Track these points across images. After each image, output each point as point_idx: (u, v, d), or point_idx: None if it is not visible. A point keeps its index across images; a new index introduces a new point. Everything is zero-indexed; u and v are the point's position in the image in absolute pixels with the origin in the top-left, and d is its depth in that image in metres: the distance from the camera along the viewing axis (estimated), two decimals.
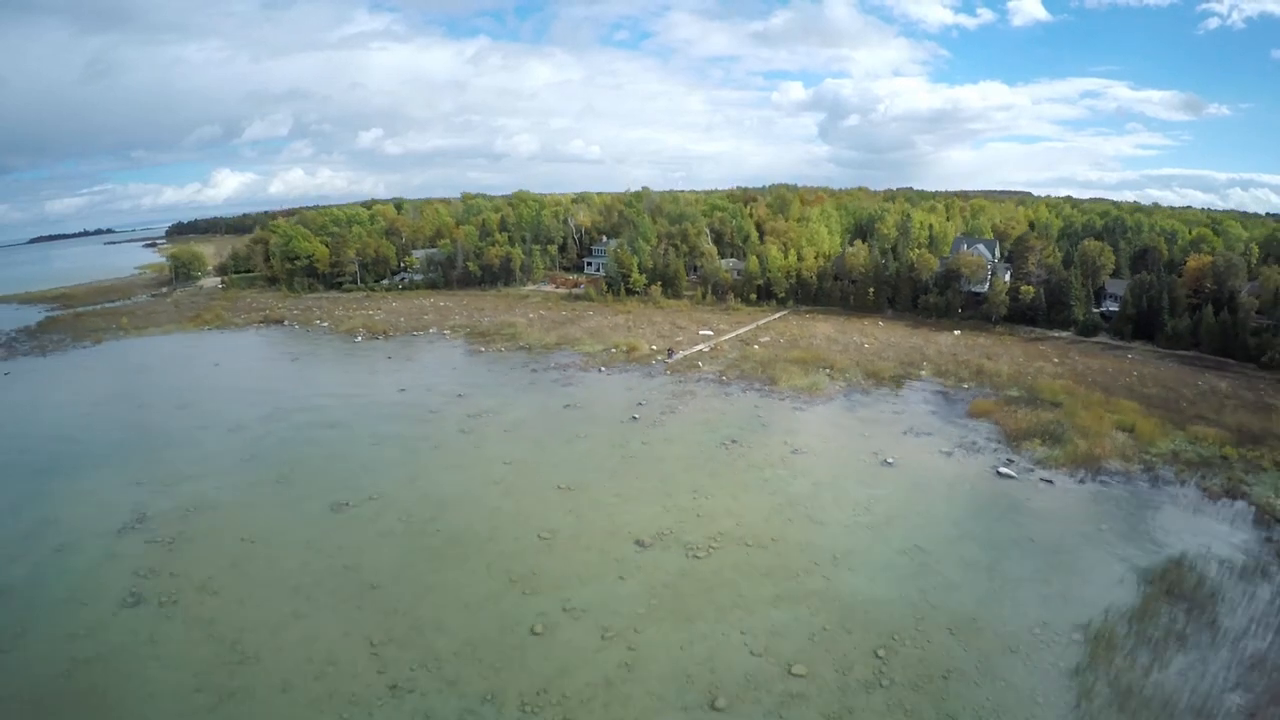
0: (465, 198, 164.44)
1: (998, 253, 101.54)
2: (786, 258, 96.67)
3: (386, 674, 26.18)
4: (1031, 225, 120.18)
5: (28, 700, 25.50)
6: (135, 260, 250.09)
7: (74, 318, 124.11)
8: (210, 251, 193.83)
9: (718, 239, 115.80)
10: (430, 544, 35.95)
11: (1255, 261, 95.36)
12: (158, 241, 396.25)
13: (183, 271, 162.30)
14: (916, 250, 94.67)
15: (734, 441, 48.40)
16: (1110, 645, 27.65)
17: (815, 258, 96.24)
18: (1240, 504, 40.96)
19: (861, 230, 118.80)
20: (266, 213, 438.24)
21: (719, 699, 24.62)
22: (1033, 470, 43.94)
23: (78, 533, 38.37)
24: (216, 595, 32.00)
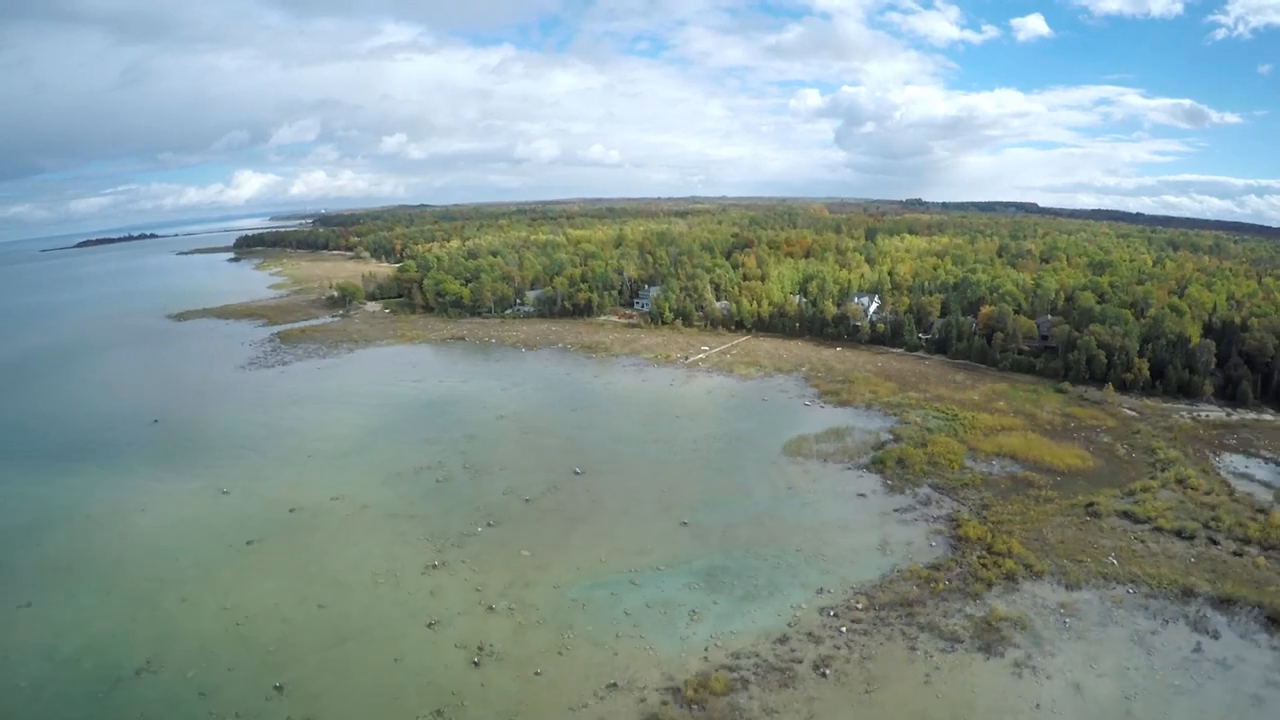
0: (548, 252, 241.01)
1: (877, 301, 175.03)
2: (752, 305, 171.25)
3: (612, 433, 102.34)
4: (934, 268, 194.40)
5: (491, 442, 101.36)
6: (223, 274, 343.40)
7: (301, 333, 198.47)
8: (358, 279, 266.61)
9: (716, 288, 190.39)
10: (615, 419, 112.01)
11: (1061, 302, 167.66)
12: (236, 255, 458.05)
13: (348, 297, 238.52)
14: (826, 301, 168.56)
15: (710, 392, 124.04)
16: (804, 440, 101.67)
17: (768, 305, 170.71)
18: (896, 417, 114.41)
19: (805, 283, 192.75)
20: (335, 231, 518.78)
21: (689, 442, 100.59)
22: (819, 404, 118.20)
23: (477, 424, 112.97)
24: (549, 427, 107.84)
